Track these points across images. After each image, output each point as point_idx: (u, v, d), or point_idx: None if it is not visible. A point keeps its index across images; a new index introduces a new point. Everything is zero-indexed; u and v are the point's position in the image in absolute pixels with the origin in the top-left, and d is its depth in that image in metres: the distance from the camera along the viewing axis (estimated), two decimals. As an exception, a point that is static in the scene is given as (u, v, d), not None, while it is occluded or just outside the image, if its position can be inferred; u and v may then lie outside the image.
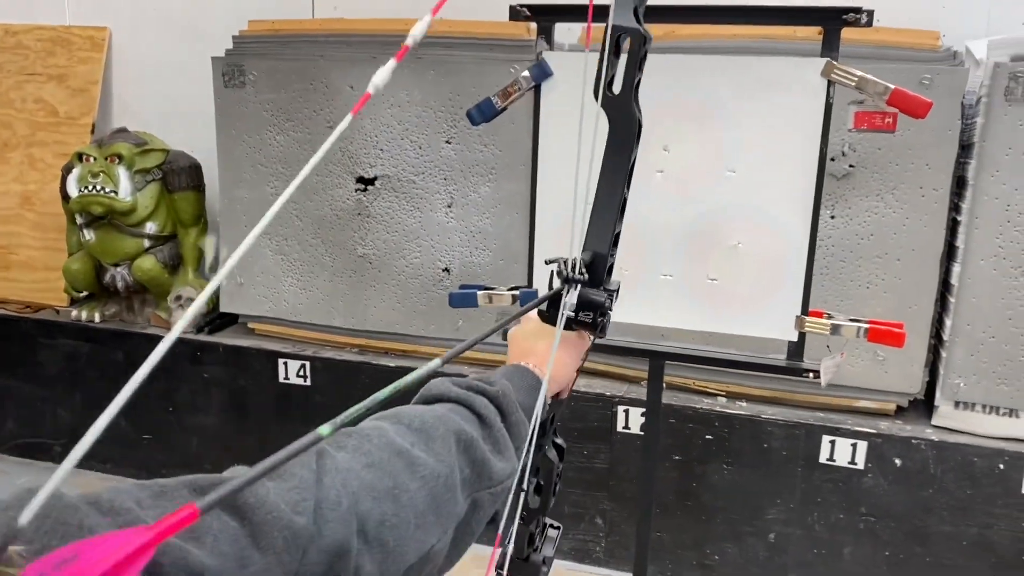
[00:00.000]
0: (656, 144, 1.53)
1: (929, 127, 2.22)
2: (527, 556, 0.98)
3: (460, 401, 0.79)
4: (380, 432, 0.69)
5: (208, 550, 0.50)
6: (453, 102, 2.64)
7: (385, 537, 0.62)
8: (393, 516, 0.63)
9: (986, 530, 2.30)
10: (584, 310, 0.89)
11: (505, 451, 0.79)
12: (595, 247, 0.90)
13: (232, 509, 0.53)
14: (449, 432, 0.73)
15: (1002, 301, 2.25)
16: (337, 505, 0.59)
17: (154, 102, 3.45)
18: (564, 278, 0.87)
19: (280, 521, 0.54)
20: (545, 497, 0.96)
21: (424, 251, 2.79)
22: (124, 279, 3.10)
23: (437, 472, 0.69)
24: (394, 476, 0.66)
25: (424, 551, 0.67)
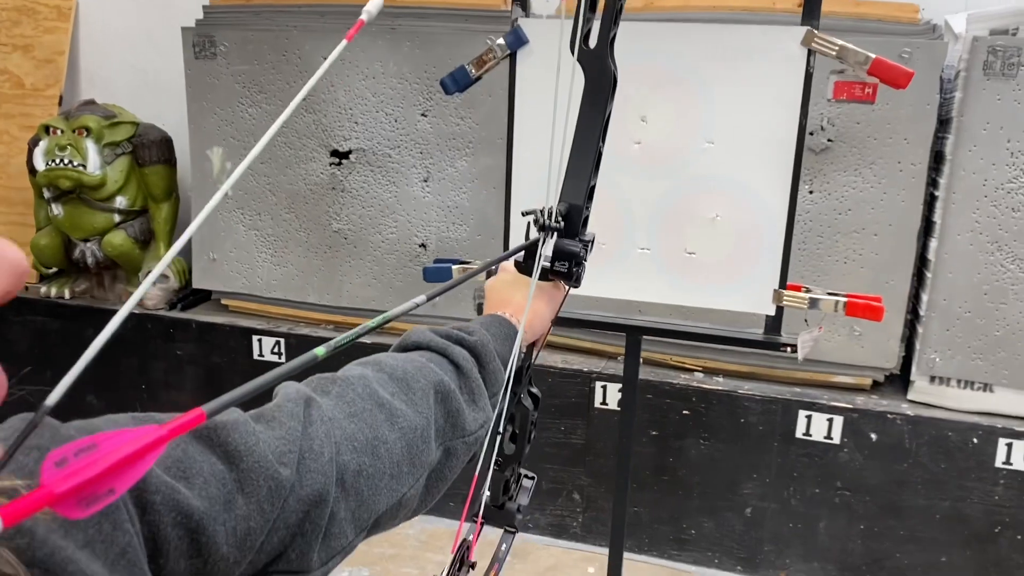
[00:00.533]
0: (633, 115, 1.51)
1: (907, 101, 2.21)
2: (502, 504, 1.01)
3: (439, 350, 0.81)
4: (363, 381, 0.71)
5: (197, 492, 0.52)
6: (429, 74, 2.60)
7: (361, 487, 0.65)
8: (370, 467, 0.66)
9: (959, 503, 2.32)
10: (560, 260, 0.90)
11: (480, 401, 0.81)
12: (571, 198, 0.90)
13: (223, 453, 0.55)
14: (429, 383, 0.75)
15: (978, 276, 2.25)
16: (319, 455, 0.61)
17: (123, 74, 3.37)
18: (540, 226, 0.87)
19: (266, 471, 0.56)
20: (520, 445, 0.97)
21: (400, 226, 2.75)
22: (94, 255, 3.04)
23: (415, 424, 0.71)
24: (374, 428, 0.68)
25: (396, 499, 0.69)
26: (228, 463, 0.55)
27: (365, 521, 0.66)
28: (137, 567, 0.46)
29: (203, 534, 0.51)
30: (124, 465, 0.32)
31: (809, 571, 2.47)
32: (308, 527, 0.59)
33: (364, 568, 2.51)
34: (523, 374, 0.96)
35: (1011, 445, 2.25)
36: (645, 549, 2.61)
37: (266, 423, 0.61)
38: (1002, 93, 2.15)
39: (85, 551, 0.43)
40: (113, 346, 2.49)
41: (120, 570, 0.45)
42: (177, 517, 0.50)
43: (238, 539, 0.54)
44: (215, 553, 0.52)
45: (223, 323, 2.93)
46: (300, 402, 0.64)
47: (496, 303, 0.95)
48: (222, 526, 0.53)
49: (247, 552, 0.55)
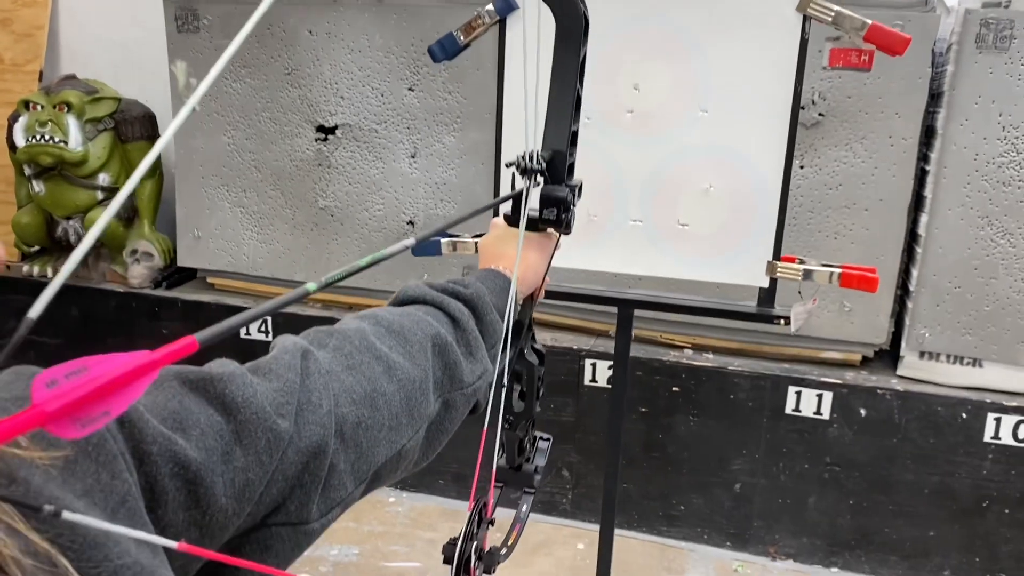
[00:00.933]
0: (626, 83, 1.48)
1: (899, 75, 2.20)
2: (519, 465, 1.01)
3: (436, 304, 0.81)
4: (360, 334, 0.71)
5: (195, 443, 0.51)
6: (416, 47, 2.56)
7: (360, 438, 0.64)
8: (369, 419, 0.66)
9: (948, 478, 2.32)
10: (547, 207, 0.89)
11: (477, 353, 0.81)
12: (554, 145, 0.90)
13: (220, 405, 0.55)
14: (426, 336, 0.75)
15: (968, 251, 2.25)
16: (318, 407, 0.61)
17: (104, 48, 3.31)
18: (522, 170, 0.86)
19: (264, 422, 0.56)
20: (529, 402, 0.97)
21: (387, 203, 2.72)
22: (77, 232, 3.01)
23: (413, 376, 0.71)
24: (373, 380, 0.67)
25: (396, 451, 0.69)
26: (225, 415, 0.55)
27: (364, 473, 0.66)
28: (138, 515, 0.46)
29: (201, 485, 0.51)
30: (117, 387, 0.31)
31: (798, 546, 2.48)
32: (307, 479, 0.59)
33: (354, 546, 2.50)
34: (523, 328, 0.95)
35: (1000, 420, 2.26)
36: (635, 525, 2.60)
37: (263, 375, 0.60)
38: (994, 66, 2.13)
39: (83, 500, 0.42)
40: (99, 325, 2.46)
41: (121, 518, 0.44)
42: (174, 468, 0.49)
43: (236, 490, 0.53)
44: (213, 504, 0.52)
45: (209, 301, 2.90)
46: (297, 354, 0.63)
47: (489, 259, 0.94)
48: (220, 477, 0.52)
49: (246, 503, 0.54)
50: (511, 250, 0.92)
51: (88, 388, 0.30)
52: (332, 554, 2.45)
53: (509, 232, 0.94)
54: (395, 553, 2.48)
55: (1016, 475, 2.28)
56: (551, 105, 0.89)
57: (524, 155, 0.86)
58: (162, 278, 3.02)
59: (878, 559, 2.42)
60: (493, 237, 0.97)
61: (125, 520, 0.44)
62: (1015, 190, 2.18)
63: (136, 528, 0.45)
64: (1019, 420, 2.25)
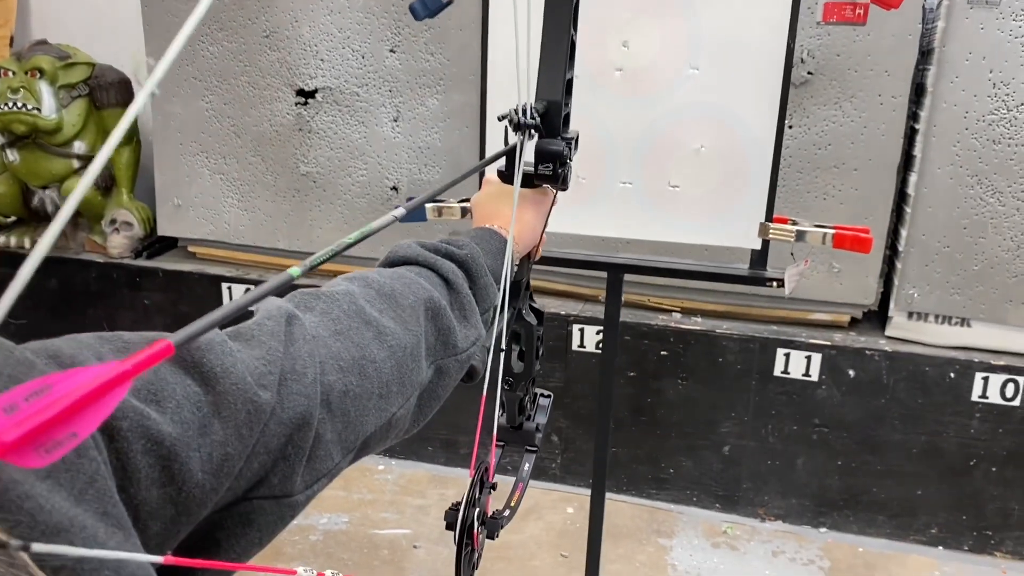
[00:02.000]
0: (614, 39, 1.44)
1: (889, 32, 2.16)
2: (520, 424, 0.99)
3: (428, 265, 0.77)
4: (349, 297, 0.68)
5: (170, 416, 0.48)
6: (397, 7, 2.50)
7: (347, 407, 0.61)
8: (357, 387, 0.62)
9: (935, 437, 2.33)
10: (543, 162, 0.85)
11: (471, 317, 0.78)
12: (548, 95, 0.85)
13: (198, 375, 0.51)
14: (418, 300, 0.72)
15: (958, 210, 2.23)
16: (303, 376, 0.57)
17: (76, 12, 3.23)
18: (515, 124, 0.81)
19: (245, 394, 0.53)
20: (528, 362, 0.95)
21: (370, 168, 2.68)
22: (54, 202, 2.95)
23: (404, 343, 0.68)
24: (361, 346, 0.64)
25: (385, 419, 0.66)
26: (203, 385, 0.51)
27: (352, 443, 0.63)
28: (107, 496, 0.43)
29: (176, 461, 0.48)
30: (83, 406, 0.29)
31: (787, 507, 2.49)
32: (291, 451, 0.56)
33: (343, 514, 2.49)
34: (521, 288, 0.92)
35: (987, 379, 2.26)
36: (624, 489, 2.61)
37: (245, 342, 0.57)
38: (985, 22, 2.10)
39: (47, 483, 0.39)
40: (79, 296, 2.41)
41: (89, 500, 0.41)
42: (147, 444, 0.46)
43: (214, 466, 0.50)
44: (189, 480, 0.48)
45: (191, 271, 2.86)
46: (281, 320, 0.60)
47: (484, 217, 0.90)
48: (196, 452, 0.49)
49: (224, 479, 0.51)
50: (506, 208, 0.88)
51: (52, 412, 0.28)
52: (322, 523, 2.44)
53: (503, 189, 0.90)
54: (385, 520, 2.48)
55: (1003, 433, 2.29)
56: (544, 53, 0.84)
57: (517, 108, 0.81)
58: (142, 248, 2.97)
59: (866, 519, 2.44)
60: (486, 195, 0.93)
61: (94, 501, 0.41)
62: (1005, 148, 2.16)
63: (105, 508, 0.42)
64: (1007, 379, 2.25)
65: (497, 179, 0.91)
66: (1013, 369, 2.25)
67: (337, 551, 2.34)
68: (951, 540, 2.39)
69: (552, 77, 0.84)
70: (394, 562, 2.31)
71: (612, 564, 2.29)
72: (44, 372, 0.43)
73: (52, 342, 0.47)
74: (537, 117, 0.82)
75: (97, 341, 0.49)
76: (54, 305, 2.95)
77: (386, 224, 0.55)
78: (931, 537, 2.40)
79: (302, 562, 2.28)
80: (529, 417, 1.01)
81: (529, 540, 2.39)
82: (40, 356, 0.44)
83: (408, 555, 2.34)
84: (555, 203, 0.94)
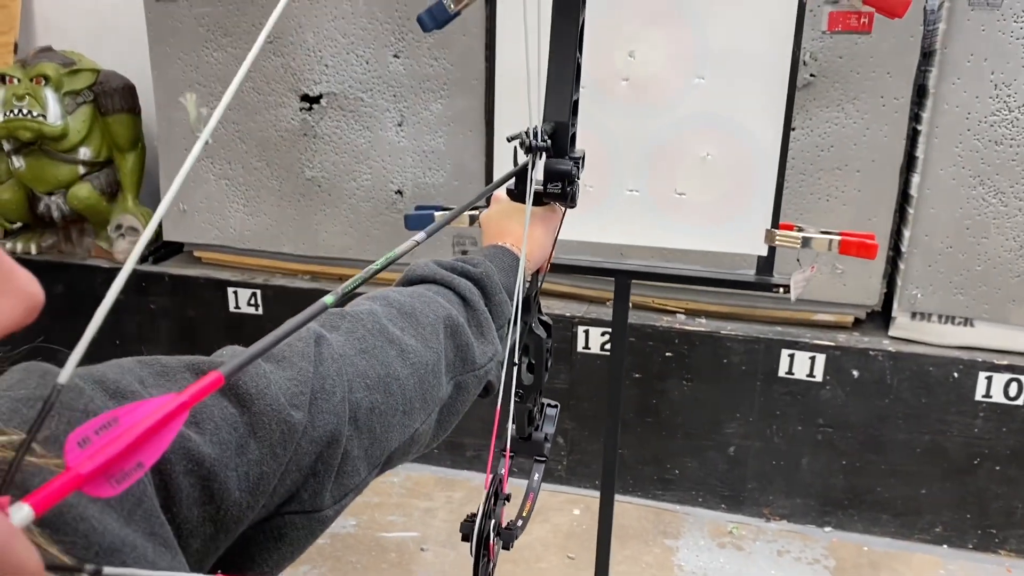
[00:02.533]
0: (621, 50, 1.45)
1: (891, 34, 2.17)
2: (529, 435, 1.01)
3: (445, 283, 0.79)
4: (373, 316, 0.70)
5: (208, 437, 0.50)
6: (400, 12, 2.52)
7: (374, 424, 0.63)
8: (383, 404, 0.64)
9: (939, 436, 2.35)
10: (552, 181, 0.88)
11: (487, 334, 0.80)
12: (555, 116, 0.88)
13: (234, 397, 0.54)
14: (438, 318, 0.74)
15: (960, 211, 2.25)
16: (332, 395, 0.60)
17: (81, 19, 3.24)
18: (527, 147, 0.84)
19: (279, 414, 0.55)
20: (538, 373, 0.97)
21: (375, 172, 2.69)
22: (60, 208, 2.96)
23: (426, 360, 0.70)
24: (386, 364, 0.66)
25: (408, 435, 0.69)
26: (239, 407, 0.53)
27: (378, 458, 0.65)
28: (155, 516, 0.45)
29: (215, 481, 0.50)
30: (148, 437, 0.31)
31: (792, 507, 2.50)
32: (321, 467, 0.58)
33: (351, 517, 2.50)
34: (531, 303, 0.95)
35: (991, 378, 2.28)
36: (630, 490, 2.62)
37: (276, 363, 0.59)
38: (986, 24, 2.11)
39: (98, 504, 0.41)
40: (85, 302, 2.42)
41: (137, 520, 0.43)
42: (188, 465, 0.48)
43: (251, 484, 0.52)
44: (227, 499, 0.51)
45: (197, 276, 2.87)
46: (310, 340, 0.62)
47: (494, 234, 0.92)
48: (234, 471, 0.51)
49: (260, 496, 0.54)
50: (516, 226, 0.90)
51: (121, 444, 0.30)
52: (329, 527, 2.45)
53: (513, 207, 0.92)
54: (392, 524, 2.49)
55: (1007, 432, 2.30)
56: (551, 75, 0.87)
57: (528, 131, 0.84)
58: (148, 253, 2.99)
59: (870, 518, 2.45)
60: (497, 212, 0.95)
61: (142, 522, 0.43)
62: (1007, 149, 2.18)
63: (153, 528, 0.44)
64: (1010, 378, 2.26)
65: (506, 197, 0.94)
66: (1016, 368, 2.26)
67: (345, 554, 2.36)
68: (955, 539, 2.41)
69: (559, 99, 0.86)
70: (402, 565, 2.33)
71: (619, 565, 2.31)
72: (90, 400, 0.45)
73: (97, 368, 0.49)
74: (548, 140, 0.84)
75: (138, 366, 0.51)
76: (60, 310, 2.96)
77: (409, 249, 0.57)
78: (935, 536, 2.42)
79: (310, 566, 2.30)
80: (537, 427, 1.03)
81: (536, 542, 2.40)
82: (87, 382, 0.46)
83: (416, 557, 2.35)
84: (563, 220, 0.96)
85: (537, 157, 0.84)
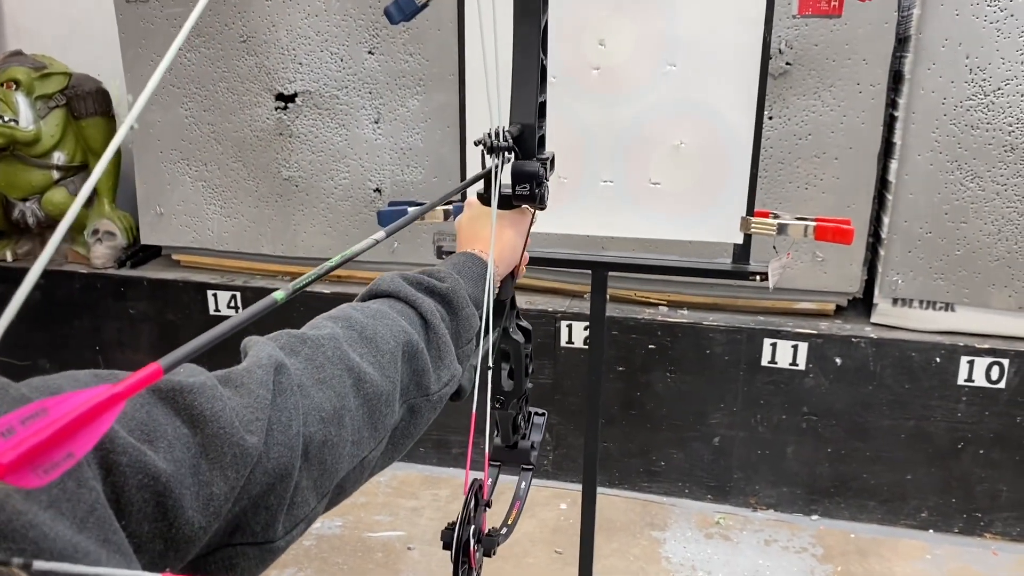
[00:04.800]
0: (591, 39, 1.44)
1: (866, 20, 2.17)
2: (514, 443, 1.00)
3: (409, 301, 0.79)
4: (334, 341, 0.69)
5: (163, 455, 0.50)
6: (374, 8, 2.49)
7: (324, 456, 0.63)
8: (335, 436, 0.64)
9: (923, 422, 2.35)
10: (520, 183, 0.88)
11: (446, 358, 0.79)
12: (522, 118, 0.88)
13: (187, 417, 0.53)
14: (398, 344, 0.73)
15: (939, 196, 2.25)
16: (288, 428, 0.60)
17: (50, 22, 3.20)
18: (490, 148, 0.84)
19: (231, 437, 0.55)
20: (518, 380, 0.96)
21: (353, 171, 2.67)
22: (35, 214, 2.93)
23: (381, 390, 0.70)
24: (342, 396, 0.66)
25: (357, 463, 0.69)
26: (192, 427, 0.53)
27: (326, 488, 0.65)
28: (108, 523, 0.44)
29: (169, 497, 0.50)
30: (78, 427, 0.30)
31: (779, 496, 2.50)
32: (273, 501, 0.58)
33: (336, 518, 2.49)
34: (506, 307, 0.93)
35: (972, 363, 2.28)
36: (616, 483, 2.62)
37: (234, 388, 0.59)
38: (960, 8, 2.11)
39: (50, 511, 0.40)
40: (63, 308, 2.38)
41: (90, 528, 0.42)
42: (143, 479, 0.48)
43: (202, 503, 0.52)
44: (180, 516, 0.51)
45: (176, 279, 2.84)
46: (270, 368, 0.62)
47: (465, 240, 0.93)
48: (188, 490, 0.51)
49: (212, 519, 0.53)
50: (486, 231, 0.90)
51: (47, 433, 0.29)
52: (315, 527, 2.44)
53: (483, 211, 0.92)
54: (379, 523, 2.48)
55: (989, 416, 2.31)
56: (515, 77, 0.87)
57: (490, 132, 0.83)
58: (126, 257, 2.96)
59: (857, 505, 2.45)
60: (468, 217, 0.95)
61: (95, 528, 0.43)
62: (983, 133, 2.18)
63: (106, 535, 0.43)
64: (991, 362, 2.27)
65: (477, 202, 0.94)
66: (997, 352, 2.26)
67: (331, 555, 2.34)
68: (941, 523, 2.41)
69: (525, 100, 0.86)
70: (389, 564, 2.31)
71: (606, 559, 2.30)
72: (21, 391, 0.45)
73: (51, 379, 0.48)
74: (510, 139, 0.84)
75: (93, 378, 0.51)
76: (37, 317, 2.93)
77: (367, 247, 0.56)
78: (922, 521, 2.42)
79: (296, 568, 2.28)
80: (524, 436, 1.02)
81: (523, 537, 2.39)
82: (35, 392, 0.46)
83: (403, 557, 2.34)
84: (534, 222, 0.95)
85: (501, 158, 0.84)
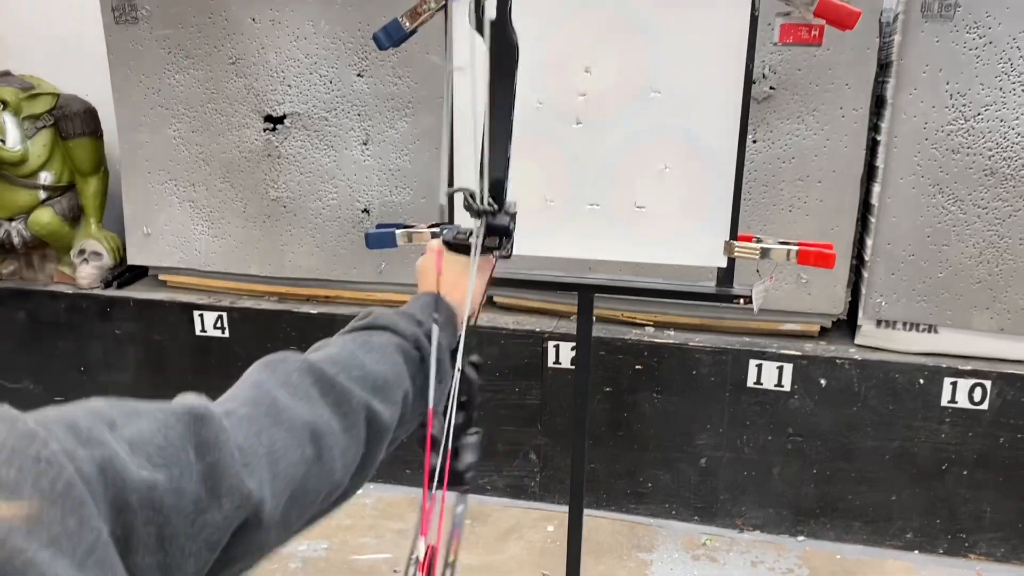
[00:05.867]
0: (577, 65, 1.46)
1: (848, 46, 2.20)
2: None
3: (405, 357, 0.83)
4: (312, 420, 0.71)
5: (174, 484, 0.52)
6: (363, 32, 2.52)
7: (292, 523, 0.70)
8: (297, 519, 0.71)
9: (907, 443, 2.36)
10: (491, 235, 0.93)
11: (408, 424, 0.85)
12: (495, 174, 0.92)
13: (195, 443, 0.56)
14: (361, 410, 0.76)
15: (921, 219, 2.27)
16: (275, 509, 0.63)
17: (40, 42, 3.20)
18: (474, 211, 0.90)
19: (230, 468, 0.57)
20: (468, 413, 0.97)
21: (341, 192, 2.68)
22: (21, 234, 2.91)
23: (338, 481, 0.75)
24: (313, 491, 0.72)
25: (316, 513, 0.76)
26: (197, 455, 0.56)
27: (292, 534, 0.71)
28: (108, 565, 0.45)
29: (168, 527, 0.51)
30: None
31: (765, 517, 2.51)
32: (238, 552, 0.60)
33: (322, 540, 2.47)
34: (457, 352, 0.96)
35: (956, 384, 2.30)
36: (603, 504, 2.62)
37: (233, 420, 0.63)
38: (940, 35, 2.15)
39: (50, 550, 0.41)
40: (48, 329, 2.37)
41: (89, 568, 0.43)
42: (151, 515, 0.50)
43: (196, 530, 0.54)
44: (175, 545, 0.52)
45: (162, 299, 2.84)
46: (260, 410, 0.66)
47: (429, 283, 0.96)
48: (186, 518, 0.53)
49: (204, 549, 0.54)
50: (451, 274, 0.95)
51: None
52: (300, 550, 2.43)
53: (450, 256, 0.96)
54: (364, 546, 2.47)
55: (973, 437, 2.32)
56: (491, 134, 0.90)
57: (472, 194, 0.89)
58: (112, 277, 2.95)
59: (842, 526, 2.46)
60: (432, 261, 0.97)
61: (94, 569, 0.43)
62: (964, 157, 2.21)
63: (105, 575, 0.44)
64: (974, 383, 2.29)
65: (448, 251, 0.97)
66: (980, 373, 2.28)
67: (317, 578, 2.32)
68: (926, 544, 2.42)
69: (499, 157, 0.91)
70: (375, 587, 2.30)
71: (593, 581, 2.30)
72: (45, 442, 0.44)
73: (67, 411, 0.49)
74: (494, 205, 0.90)
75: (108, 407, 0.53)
76: (23, 337, 2.92)
77: None
78: (907, 542, 2.43)
79: (282, 590, 2.27)
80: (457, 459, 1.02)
81: (510, 559, 2.39)
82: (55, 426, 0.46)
83: (389, 579, 2.33)
84: (495, 268, 1.00)
85: (484, 220, 0.90)
